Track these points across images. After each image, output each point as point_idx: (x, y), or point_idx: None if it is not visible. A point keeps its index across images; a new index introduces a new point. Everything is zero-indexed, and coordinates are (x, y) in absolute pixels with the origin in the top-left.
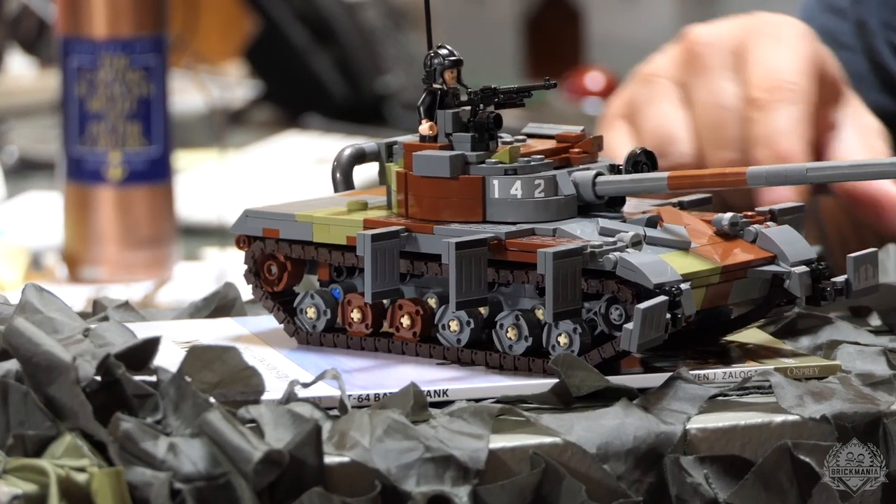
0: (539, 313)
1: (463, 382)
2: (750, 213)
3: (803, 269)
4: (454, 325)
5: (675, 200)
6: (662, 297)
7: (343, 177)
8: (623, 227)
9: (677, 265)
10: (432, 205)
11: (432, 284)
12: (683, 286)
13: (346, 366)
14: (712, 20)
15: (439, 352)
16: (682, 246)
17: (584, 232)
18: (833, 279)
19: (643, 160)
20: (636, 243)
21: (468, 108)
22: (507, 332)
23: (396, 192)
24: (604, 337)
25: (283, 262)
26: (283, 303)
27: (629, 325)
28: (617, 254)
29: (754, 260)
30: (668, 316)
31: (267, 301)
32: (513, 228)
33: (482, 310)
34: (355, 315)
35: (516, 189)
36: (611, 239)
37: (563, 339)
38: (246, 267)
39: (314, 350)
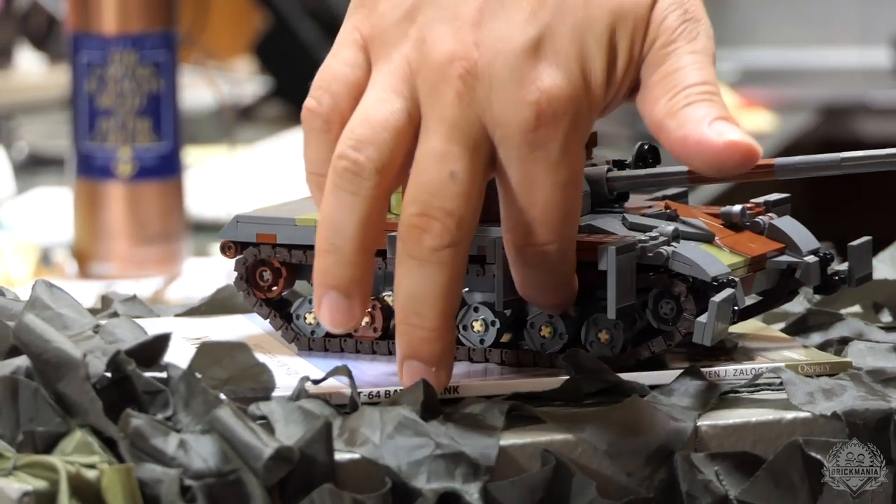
0: (570, 309)
1: (474, 380)
2: (749, 205)
3: (814, 258)
4: (478, 326)
5: (659, 195)
6: (730, 290)
7: None
8: (648, 222)
9: (718, 258)
10: None
11: None
12: (735, 277)
13: (356, 364)
14: (719, 17)
15: (462, 352)
16: (707, 238)
17: (612, 227)
18: (836, 268)
19: (648, 155)
20: (675, 237)
21: None
22: (539, 330)
23: (400, 193)
24: (646, 332)
25: (277, 268)
26: (278, 309)
27: (703, 319)
28: (668, 247)
29: (772, 250)
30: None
31: (262, 308)
32: None
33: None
34: (364, 319)
35: None
36: (653, 233)
37: (603, 336)
38: (237, 274)
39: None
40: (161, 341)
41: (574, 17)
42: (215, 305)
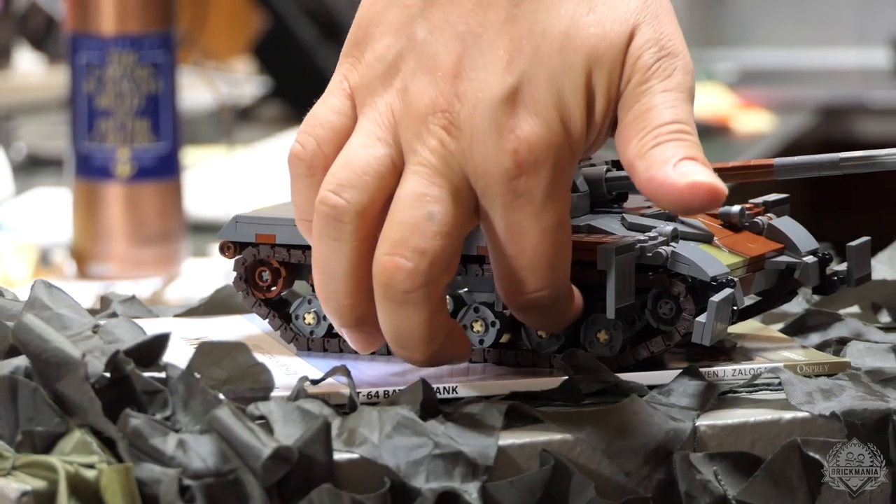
0: None
1: (473, 380)
2: (748, 206)
3: (813, 258)
4: (478, 326)
5: None
6: (729, 290)
7: None
8: (646, 222)
9: (717, 258)
10: None
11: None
12: (734, 277)
13: (355, 364)
14: (717, 18)
15: None
16: (706, 238)
17: (612, 227)
18: (835, 268)
19: None
20: (674, 237)
21: None
22: (537, 330)
23: None
24: (645, 332)
25: (276, 268)
26: (277, 309)
27: (702, 319)
28: (667, 248)
29: (770, 251)
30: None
31: (261, 308)
32: None
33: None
34: None
35: None
36: (652, 234)
37: (602, 336)
38: (236, 274)
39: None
40: (160, 341)
41: (550, 64)
42: (214, 306)
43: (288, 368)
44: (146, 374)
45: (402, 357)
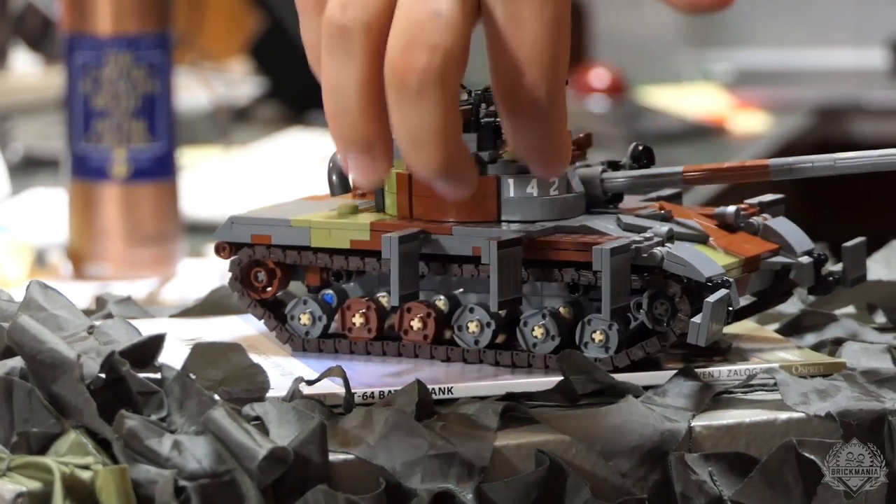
0: (564, 311)
1: (469, 380)
2: (744, 206)
3: (808, 259)
4: (473, 327)
5: (653, 195)
6: (725, 290)
7: (340, 179)
8: (642, 223)
9: (713, 258)
10: (441, 205)
11: (440, 286)
12: (729, 278)
13: (350, 365)
14: (714, 18)
15: (456, 353)
16: (702, 239)
17: (607, 228)
18: (830, 269)
19: (642, 156)
20: (670, 238)
21: (468, 107)
22: (532, 330)
23: (395, 194)
24: (640, 333)
25: (272, 269)
26: (272, 310)
27: (697, 319)
28: (662, 248)
29: (766, 251)
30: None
31: (256, 309)
32: (537, 227)
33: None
34: (357, 320)
35: (532, 188)
36: (647, 234)
37: (598, 336)
38: (231, 274)
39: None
40: (155, 342)
41: None
42: (210, 306)
43: (283, 369)
44: (141, 375)
45: (415, 165)
